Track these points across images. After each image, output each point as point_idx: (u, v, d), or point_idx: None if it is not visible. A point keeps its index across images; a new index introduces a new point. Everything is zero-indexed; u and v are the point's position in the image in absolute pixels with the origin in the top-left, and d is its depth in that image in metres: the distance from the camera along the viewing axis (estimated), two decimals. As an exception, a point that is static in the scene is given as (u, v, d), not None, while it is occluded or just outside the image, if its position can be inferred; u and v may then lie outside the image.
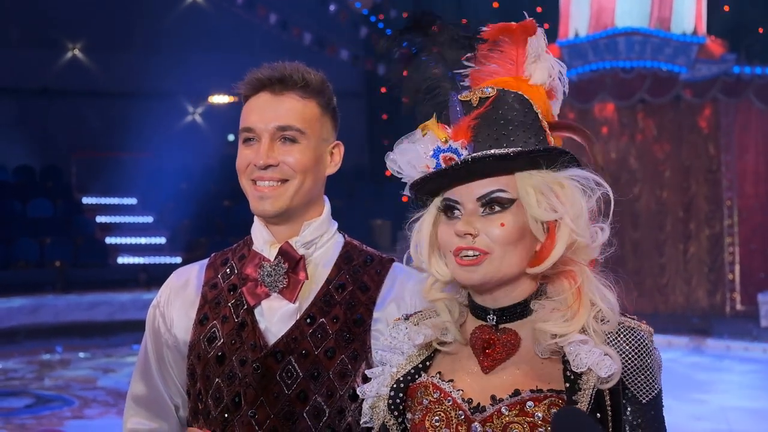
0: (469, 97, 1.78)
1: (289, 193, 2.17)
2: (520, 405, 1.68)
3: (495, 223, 1.72)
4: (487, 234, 1.72)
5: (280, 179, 2.17)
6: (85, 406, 9.96)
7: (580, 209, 1.73)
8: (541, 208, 1.72)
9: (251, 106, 2.21)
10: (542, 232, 1.74)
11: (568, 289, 1.73)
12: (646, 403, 1.69)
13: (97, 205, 19.44)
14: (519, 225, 1.73)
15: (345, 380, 2.12)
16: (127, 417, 2.35)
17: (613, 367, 1.65)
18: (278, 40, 18.42)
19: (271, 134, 2.17)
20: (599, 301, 1.72)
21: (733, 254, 15.41)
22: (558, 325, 1.69)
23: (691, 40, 15.09)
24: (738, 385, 11.04)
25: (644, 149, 16.00)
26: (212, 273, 2.31)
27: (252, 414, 2.11)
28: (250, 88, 2.22)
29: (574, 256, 1.74)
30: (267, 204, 2.17)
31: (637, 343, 1.71)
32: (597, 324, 1.71)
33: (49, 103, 20.68)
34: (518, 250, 1.73)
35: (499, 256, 1.72)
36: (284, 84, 2.19)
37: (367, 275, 2.23)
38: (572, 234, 1.71)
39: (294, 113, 2.18)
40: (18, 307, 14.02)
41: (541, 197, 1.72)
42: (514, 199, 1.73)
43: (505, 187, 1.73)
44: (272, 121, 2.17)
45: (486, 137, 1.75)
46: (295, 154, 2.17)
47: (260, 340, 2.15)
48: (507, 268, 1.73)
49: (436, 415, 1.76)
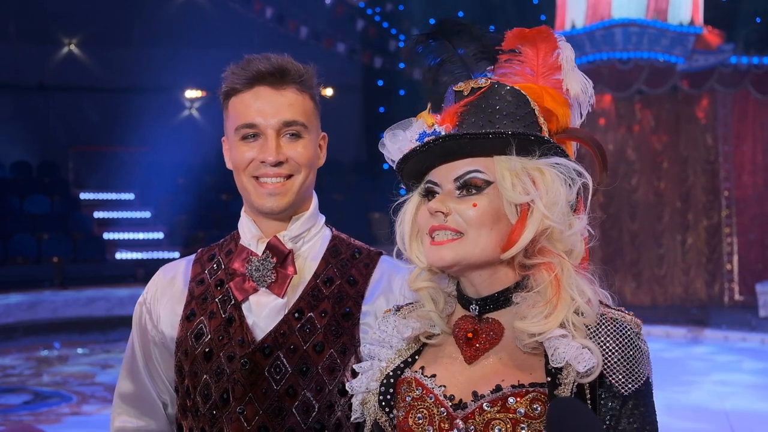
0: (461, 88, 1.79)
1: (295, 188, 2.16)
2: (502, 401, 1.67)
3: (468, 203, 1.72)
4: (459, 214, 1.71)
5: (287, 175, 2.15)
6: (83, 402, 9.94)
7: (556, 196, 1.71)
8: (515, 191, 1.70)
9: (247, 101, 2.15)
10: (516, 215, 1.72)
11: (547, 280, 1.71)
12: (629, 395, 1.66)
13: (94, 201, 19.40)
14: (493, 207, 1.71)
15: (334, 375, 2.11)
16: (115, 415, 2.33)
17: (591, 362, 1.63)
18: (275, 34, 18.39)
19: (276, 130, 2.13)
20: (577, 296, 1.69)
21: (731, 245, 15.42)
22: (536, 323, 1.67)
23: (688, 30, 15.06)
24: (736, 376, 11.03)
25: (642, 140, 15.99)
26: (199, 268, 2.29)
27: (240, 410, 2.09)
28: (245, 82, 2.15)
29: (551, 246, 1.72)
30: (275, 200, 2.15)
31: (618, 334, 1.68)
32: (577, 318, 1.69)
33: (46, 98, 20.65)
34: (493, 234, 1.71)
35: (473, 237, 1.70)
36: (284, 77, 2.15)
37: (355, 268, 2.22)
38: (544, 219, 1.69)
39: (296, 108, 2.15)
40: (15, 303, 14.01)
41: (516, 180, 1.71)
42: (490, 182, 1.72)
43: (482, 168, 1.73)
44: (276, 116, 2.13)
45: (471, 123, 1.74)
46: (300, 148, 2.15)
47: (248, 336, 2.13)
48: (480, 251, 1.71)
49: (419, 412, 1.75)
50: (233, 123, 2.18)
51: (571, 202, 1.73)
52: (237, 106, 2.16)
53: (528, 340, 1.68)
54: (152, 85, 20.12)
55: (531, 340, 1.68)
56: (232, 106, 2.18)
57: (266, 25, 18.88)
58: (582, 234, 1.76)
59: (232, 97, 2.18)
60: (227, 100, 2.20)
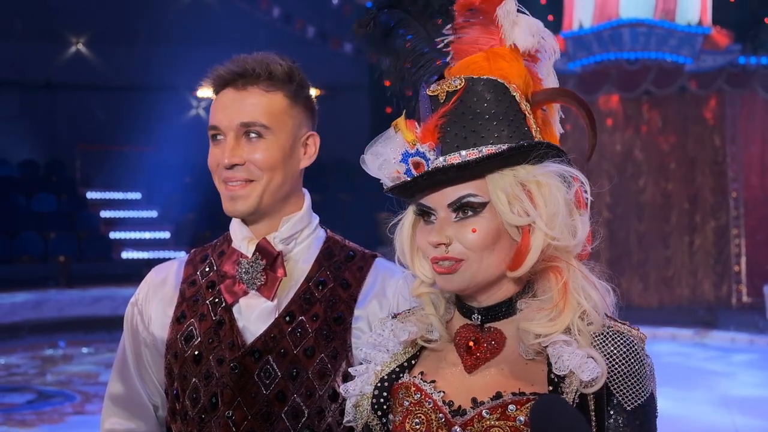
0: (436, 92, 1.71)
1: (257, 192, 2.11)
2: (502, 408, 1.63)
3: (467, 229, 1.67)
4: (460, 241, 1.67)
5: (246, 179, 2.11)
6: (87, 402, 9.93)
7: (555, 208, 1.65)
8: (513, 213, 1.65)
9: (216, 104, 2.15)
10: (518, 233, 1.68)
11: (554, 285, 1.67)
12: (632, 411, 1.62)
13: (101, 200, 19.44)
14: (493, 228, 1.67)
15: (324, 380, 2.07)
16: (105, 417, 2.31)
17: (596, 371, 1.60)
18: (282, 34, 18.40)
19: (235, 131, 2.10)
20: (583, 300, 1.66)
21: (739, 246, 15.37)
22: (542, 324, 1.64)
23: (696, 30, 15.02)
24: (743, 378, 10.99)
25: (649, 141, 15.96)
26: (191, 270, 2.26)
27: (229, 415, 2.06)
28: (215, 85, 2.16)
29: (558, 253, 1.69)
30: (238, 204, 2.12)
31: (624, 347, 1.64)
32: (583, 324, 1.65)
33: (53, 97, 20.71)
34: (495, 253, 1.68)
35: (476, 261, 1.67)
36: (246, 78, 2.12)
37: (348, 271, 2.19)
38: (546, 238, 1.66)
39: (258, 108, 2.11)
40: (21, 302, 14.03)
41: (513, 200, 1.66)
42: (486, 202, 1.67)
43: (475, 191, 1.67)
44: (236, 118, 2.10)
45: (454, 137, 1.67)
46: (261, 151, 2.11)
47: (238, 339, 2.10)
48: (485, 271, 1.68)
49: (417, 417, 1.72)
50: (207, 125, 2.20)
51: (570, 200, 1.68)
52: (211, 109, 2.17)
53: (533, 341, 1.65)
54: (159, 83, 20.15)
55: (536, 341, 1.65)
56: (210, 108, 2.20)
57: (273, 25, 18.88)
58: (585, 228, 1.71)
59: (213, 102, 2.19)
60: None
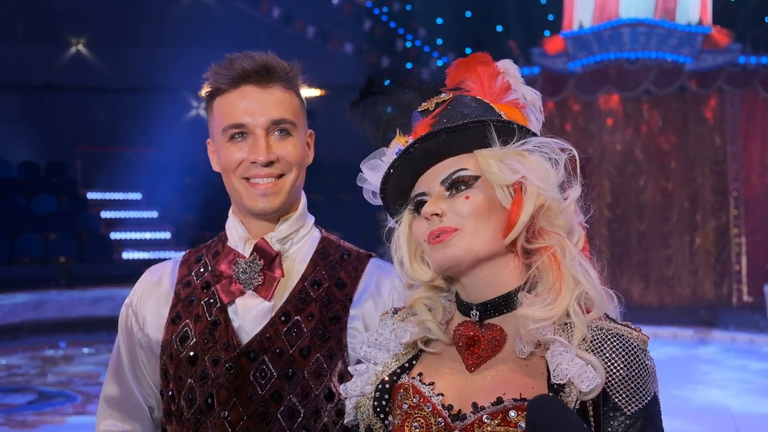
0: (426, 106, 1.80)
1: (287, 187, 2.12)
2: (503, 414, 1.61)
3: (461, 199, 1.70)
4: (454, 211, 1.69)
5: (278, 174, 2.11)
6: (88, 402, 9.92)
7: (545, 172, 1.69)
8: (503, 173, 1.69)
9: (234, 101, 2.10)
10: (509, 198, 1.70)
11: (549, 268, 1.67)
12: (632, 414, 1.61)
13: (101, 201, 19.43)
14: (486, 198, 1.70)
15: (320, 380, 2.06)
16: (100, 419, 2.29)
17: (595, 381, 1.59)
18: (282, 34, 18.38)
19: (266, 129, 2.09)
20: (581, 276, 1.66)
21: (740, 245, 15.35)
22: (540, 309, 1.63)
23: (696, 30, 15.01)
24: (743, 377, 10.98)
25: (650, 140, 15.94)
26: (186, 270, 2.26)
27: (225, 415, 2.05)
28: (229, 81, 2.10)
29: (550, 226, 1.69)
30: (267, 201, 2.11)
31: (624, 351, 1.63)
32: (581, 310, 1.65)
33: (54, 98, 20.68)
34: (491, 224, 1.69)
35: (471, 230, 1.68)
36: (270, 75, 2.10)
37: (344, 271, 2.18)
38: (539, 192, 1.67)
39: (284, 106, 2.11)
40: (22, 302, 14.03)
41: (502, 164, 1.70)
42: (477, 176, 1.71)
43: (465, 165, 1.72)
44: (265, 114, 2.09)
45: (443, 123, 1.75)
46: (290, 147, 2.11)
47: (233, 339, 2.09)
48: (481, 242, 1.68)
49: (416, 421, 1.71)
50: (219, 124, 2.13)
51: (561, 181, 1.71)
52: (223, 107, 2.11)
53: (532, 326, 1.64)
54: (159, 85, 20.14)
55: (534, 327, 1.64)
56: (217, 106, 2.13)
57: (273, 25, 18.86)
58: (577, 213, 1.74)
59: (217, 98, 2.13)
60: (211, 101, 2.15)
